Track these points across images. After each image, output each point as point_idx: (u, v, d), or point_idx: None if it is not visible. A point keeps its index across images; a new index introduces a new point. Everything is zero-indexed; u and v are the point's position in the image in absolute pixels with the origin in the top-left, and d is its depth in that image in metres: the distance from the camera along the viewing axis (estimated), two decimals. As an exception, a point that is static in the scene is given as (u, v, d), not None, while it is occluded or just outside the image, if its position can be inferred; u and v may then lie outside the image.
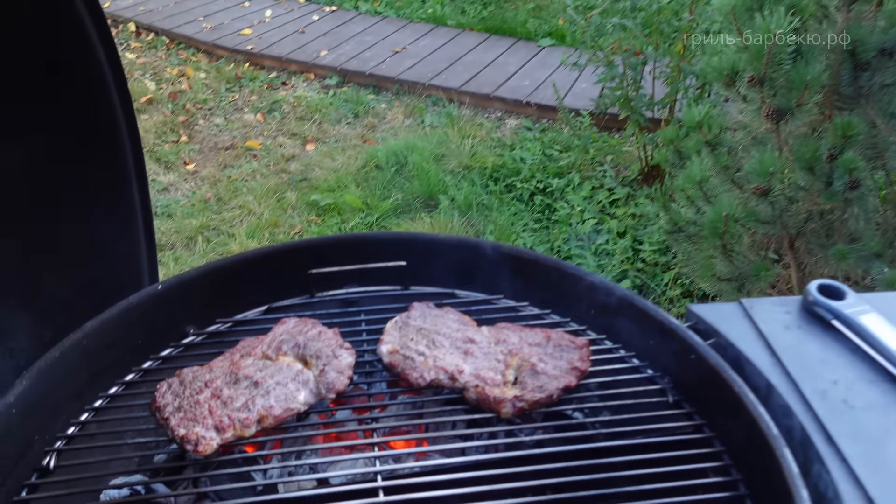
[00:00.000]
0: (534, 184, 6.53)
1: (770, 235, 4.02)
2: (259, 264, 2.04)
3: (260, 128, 7.71)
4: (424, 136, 7.23)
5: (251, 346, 1.85)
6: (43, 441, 1.68)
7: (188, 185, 6.89)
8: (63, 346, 1.72)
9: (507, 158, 6.82)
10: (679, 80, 5.80)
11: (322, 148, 7.24)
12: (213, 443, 1.60)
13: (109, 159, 2.07)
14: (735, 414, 1.59)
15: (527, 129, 7.35)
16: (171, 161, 7.16)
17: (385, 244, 2.08)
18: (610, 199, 6.39)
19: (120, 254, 2.18)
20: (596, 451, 1.64)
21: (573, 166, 6.70)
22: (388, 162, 6.77)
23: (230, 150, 7.36)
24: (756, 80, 3.45)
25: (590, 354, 1.81)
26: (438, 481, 1.55)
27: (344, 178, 6.66)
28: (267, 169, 7.00)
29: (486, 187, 6.50)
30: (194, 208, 6.44)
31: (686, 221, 4.46)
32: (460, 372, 1.74)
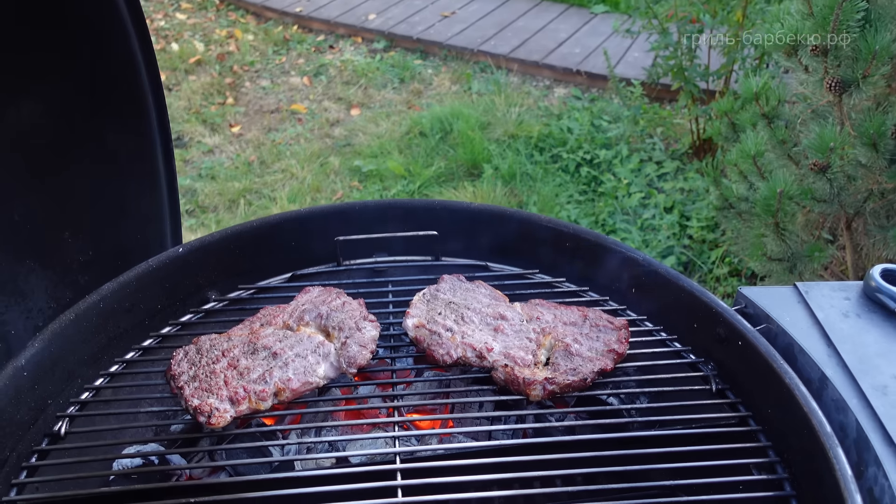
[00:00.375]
0: (580, 155, 6.36)
1: (826, 215, 3.84)
2: (284, 229, 1.96)
3: (306, 91, 7.65)
4: (470, 103, 7.08)
5: (272, 315, 1.77)
6: (56, 406, 1.63)
7: (232, 148, 6.86)
8: (79, 308, 1.67)
9: (553, 128, 6.65)
10: (736, 51, 5.56)
11: (367, 113, 7.14)
12: (227, 415, 1.53)
13: (132, 118, 1.99)
14: (784, 407, 1.47)
15: (575, 99, 7.16)
16: (216, 123, 7.14)
17: (416, 212, 1.98)
18: (658, 172, 6.20)
19: (143, 216, 2.11)
20: (631, 440, 1.53)
21: (622, 138, 6.51)
22: (433, 129, 6.65)
23: (275, 113, 7.31)
24: (820, 49, 3.25)
25: (629, 336, 1.70)
26: (460, 466, 1.46)
27: (387, 144, 6.56)
28: (311, 133, 6.94)
29: (531, 157, 6.35)
30: (238, 171, 6.41)
31: (737, 197, 4.30)
32: (489, 350, 1.64)
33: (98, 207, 2.01)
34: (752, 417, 1.56)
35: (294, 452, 1.70)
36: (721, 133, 4.69)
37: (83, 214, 1.98)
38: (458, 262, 2.01)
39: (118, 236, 2.07)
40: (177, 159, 6.53)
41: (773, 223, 3.83)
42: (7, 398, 1.50)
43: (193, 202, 6.00)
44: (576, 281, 1.92)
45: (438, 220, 1.96)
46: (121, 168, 2.02)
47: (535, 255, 1.96)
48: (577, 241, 1.89)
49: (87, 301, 1.68)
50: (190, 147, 6.82)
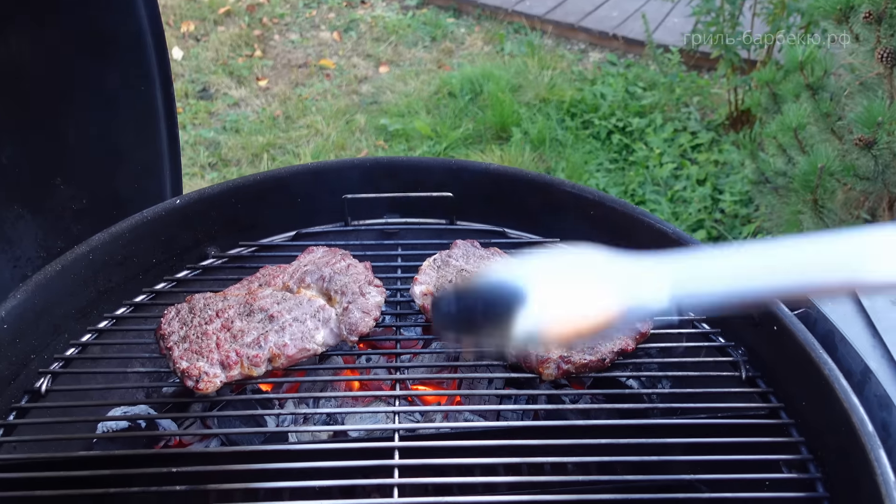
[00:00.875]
0: (613, 122, 6.20)
1: (867, 193, 3.66)
2: (289, 184, 1.84)
3: (335, 47, 7.51)
4: (502, 64, 6.90)
5: (272, 276, 1.66)
6: (39, 361, 1.54)
7: (258, 101, 6.77)
8: (66, 259, 1.57)
9: (586, 93, 6.47)
10: (781, 18, 5.33)
11: (395, 71, 6.99)
12: (217, 380, 1.43)
13: (130, 58, 1.87)
14: (820, 400, 1.34)
15: (610, 64, 6.95)
16: (243, 75, 7.04)
17: (432, 171, 1.85)
18: (692, 143, 6.03)
19: (141, 165, 2.00)
20: (651, 427, 1.41)
21: (656, 106, 6.32)
22: (463, 89, 6.50)
23: (303, 67, 7.19)
24: (873, 16, 3.06)
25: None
26: (463, 447, 1.35)
27: (415, 103, 6.42)
28: (338, 89, 6.82)
29: (562, 122, 6.19)
30: (262, 125, 6.32)
31: (775, 172, 4.13)
32: (501, 323, 1.52)
33: (93, 154, 1.90)
34: (784, 409, 1.43)
35: (289, 422, 1.60)
36: (761, 104, 4.52)
37: (77, 161, 1.87)
38: (474, 227, 1.88)
39: (114, 185, 1.96)
40: (202, 111, 6.46)
41: (811, 200, 3.68)
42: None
43: (216, 155, 5.93)
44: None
45: (455, 180, 1.83)
46: (118, 113, 1.91)
47: (557, 224, 1.83)
48: (602, 209, 1.75)
49: (75, 252, 1.58)
50: (216, 99, 6.74)
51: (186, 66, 7.18)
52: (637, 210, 1.70)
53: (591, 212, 1.76)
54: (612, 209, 1.73)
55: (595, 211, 1.75)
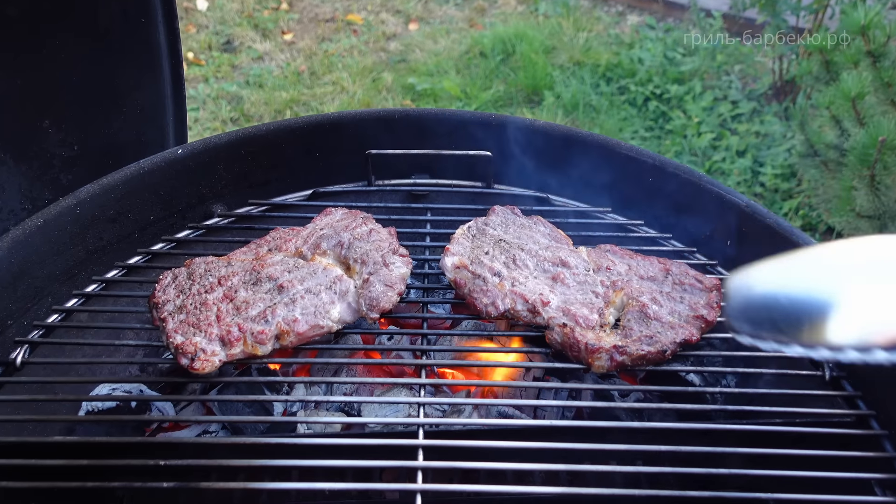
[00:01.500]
0: (650, 88, 5.96)
1: (933, 171, 3.43)
2: (306, 136, 1.63)
3: (363, 1, 7.27)
4: (536, 25, 6.65)
5: (283, 239, 1.46)
6: (17, 328, 1.35)
7: (283, 56, 6.58)
8: (49, 213, 1.37)
9: (623, 57, 6.21)
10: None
11: (425, 28, 6.75)
12: (215, 359, 1.23)
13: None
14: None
15: (649, 28, 6.67)
16: (268, 29, 6.85)
17: (468, 126, 1.63)
18: (733, 112, 5.79)
19: (140, 108, 1.79)
20: (714, 433, 1.20)
21: (696, 73, 6.06)
22: (494, 49, 6.28)
23: (330, 22, 6.98)
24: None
25: (721, 300, 1.35)
26: (496, 449, 1.15)
27: (445, 62, 6.20)
28: (365, 46, 6.60)
29: (597, 87, 5.95)
30: (287, 80, 6.15)
31: (825, 145, 3.88)
32: (545, 304, 1.31)
33: (85, 94, 1.68)
34: (876, 418, 1.22)
35: (299, 409, 1.41)
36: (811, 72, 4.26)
37: (67, 101, 1.66)
38: (514, 192, 1.66)
39: (109, 130, 1.75)
40: (225, 64, 6.27)
41: (868, 175, 3.44)
42: (-50, 316, 1.23)
43: (238, 110, 5.78)
44: (657, 225, 1.57)
45: (494, 138, 1.61)
46: (114, 49, 1.69)
47: (609, 191, 1.61)
48: (662, 175, 1.53)
49: (60, 205, 1.39)
50: (239, 52, 6.57)
51: (211, 17, 7.00)
52: (704, 178, 1.48)
53: (649, 178, 1.54)
54: (674, 175, 1.50)
55: (653, 177, 1.53)
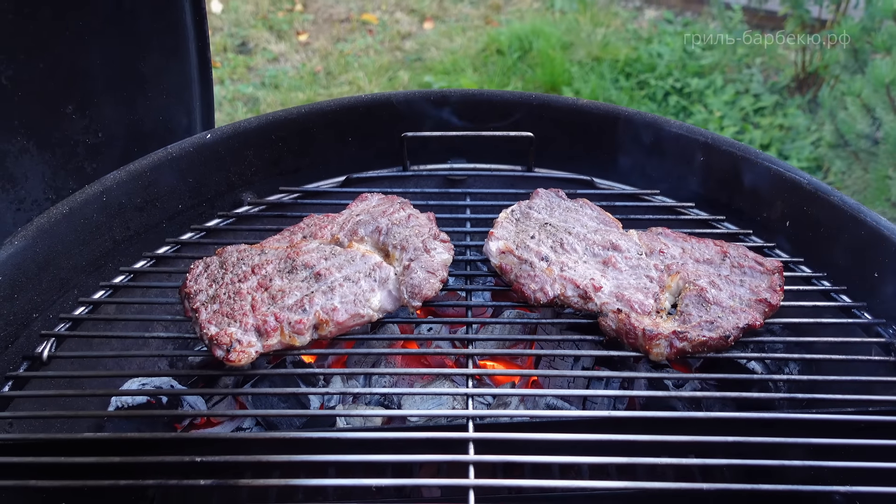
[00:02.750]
0: (670, 82, 5.92)
1: (973, 159, 3.36)
2: (338, 119, 1.56)
3: (378, 1, 7.25)
4: (553, 21, 6.61)
5: (318, 226, 1.39)
6: (42, 322, 1.29)
7: (298, 57, 6.57)
8: (75, 201, 1.31)
9: (642, 52, 6.17)
10: (862, -32, 4.97)
11: (441, 27, 6.73)
12: (252, 350, 1.17)
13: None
14: None
15: (667, 22, 6.62)
16: (283, 30, 6.85)
17: (508, 108, 1.57)
18: (755, 106, 5.75)
19: (166, 93, 1.73)
20: (778, 423, 1.12)
21: (716, 66, 6.02)
22: (511, 46, 6.25)
23: (345, 22, 6.97)
24: None
25: (783, 283, 1.27)
26: (548, 442, 1.08)
27: (461, 60, 6.17)
28: (381, 45, 6.59)
29: (616, 82, 5.91)
30: (302, 80, 6.14)
31: (857, 134, 3.81)
32: (597, 289, 1.24)
33: (110, 79, 1.62)
34: (957, 405, 1.13)
35: (336, 402, 1.34)
36: (839, 61, 4.18)
37: (91, 86, 1.60)
38: (556, 175, 1.59)
39: (135, 116, 1.68)
40: (240, 66, 6.26)
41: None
42: (-26, 308, 1.17)
43: (255, 111, 5.77)
44: (709, 207, 1.49)
45: (534, 119, 1.54)
46: (139, 31, 1.63)
47: (657, 172, 1.54)
48: (713, 153, 1.46)
49: (86, 192, 1.33)
50: (255, 54, 6.56)
51: (225, 19, 7.00)
52: (760, 154, 1.41)
53: (700, 157, 1.46)
54: (727, 153, 1.43)
55: (704, 156, 1.46)
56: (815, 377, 1.20)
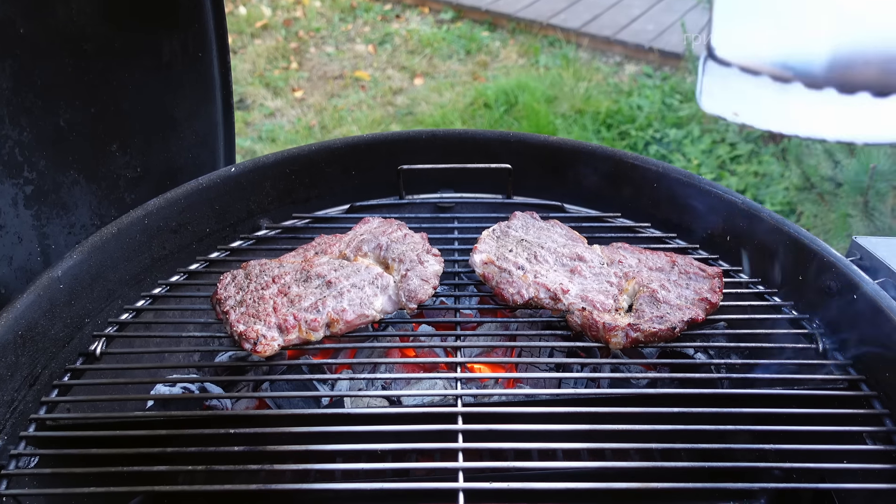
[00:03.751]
0: (649, 133, 6.15)
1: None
2: (344, 155, 1.81)
3: (370, 59, 7.54)
4: (537, 76, 6.89)
5: (328, 244, 1.63)
6: (93, 325, 1.51)
7: (294, 112, 6.80)
8: (122, 222, 1.54)
9: (622, 105, 6.43)
10: (825, 27, 5.27)
11: (430, 83, 7.00)
12: (275, 343, 1.39)
13: (188, 27, 1.85)
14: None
15: (646, 76, 6.91)
16: (279, 87, 7.09)
17: (489, 145, 1.81)
18: (731, 154, 5.97)
19: (195, 134, 1.98)
20: (719, 397, 1.35)
21: (694, 117, 6.27)
22: (498, 100, 6.50)
23: (338, 79, 7.23)
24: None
25: (722, 285, 1.51)
26: (527, 414, 1.30)
27: (450, 114, 6.42)
28: (373, 100, 6.84)
29: (598, 133, 6.15)
30: (298, 135, 6.35)
31: (821, 177, 4.07)
32: (565, 292, 1.47)
33: (148, 122, 1.88)
34: (865, 381, 1.36)
35: (345, 391, 1.56)
36: (805, 112, 4.42)
37: (133, 128, 1.85)
38: (531, 202, 1.84)
39: (168, 154, 1.94)
40: (238, 121, 6.50)
41: (862, 201, 3.61)
42: (41, 310, 1.39)
43: (252, 163, 5.97)
44: (663, 227, 1.74)
45: (512, 153, 1.79)
46: (174, 81, 1.89)
47: (617, 197, 1.78)
48: (665, 181, 1.70)
49: (131, 216, 1.56)
50: (252, 109, 6.79)
51: (224, 77, 7.23)
52: (702, 180, 1.65)
53: (654, 184, 1.71)
54: (675, 180, 1.68)
55: (658, 182, 1.71)
56: (750, 361, 1.43)
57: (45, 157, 1.64)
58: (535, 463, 1.27)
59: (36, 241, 1.66)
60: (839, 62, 0.73)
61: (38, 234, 1.66)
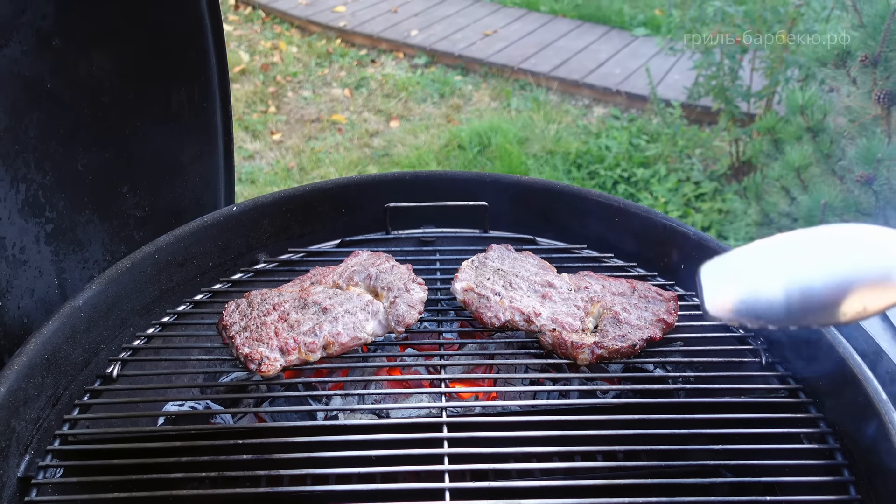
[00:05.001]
0: (618, 172, 6.37)
1: (870, 230, 3.80)
2: (335, 195, 1.98)
3: (346, 103, 7.74)
4: (509, 119, 7.12)
5: (322, 275, 1.79)
6: (108, 350, 1.66)
7: (273, 154, 6.96)
8: (135, 257, 1.70)
9: (591, 145, 6.66)
10: (780, 71, 5.54)
11: (406, 125, 7.21)
12: (277, 364, 1.54)
13: (195, 81, 2.04)
14: (837, 378, 1.46)
15: (614, 118, 7.17)
16: (258, 130, 7.24)
17: (467, 184, 2.00)
18: (696, 192, 6.19)
19: (199, 176, 2.15)
20: (676, 407, 1.52)
21: (660, 157, 6.51)
22: (471, 142, 6.70)
23: (316, 122, 7.40)
24: (869, 60, 3.23)
25: (678, 308, 1.69)
26: (505, 423, 1.47)
27: (426, 155, 6.61)
28: (350, 143, 7.02)
29: (569, 172, 6.37)
30: (277, 176, 6.49)
31: (779, 213, 4.28)
32: (537, 315, 1.65)
33: (157, 166, 2.05)
34: (804, 390, 1.54)
35: (337, 413, 1.71)
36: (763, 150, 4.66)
37: (142, 171, 2.02)
38: (506, 235, 2.02)
39: (174, 195, 2.11)
40: (217, 163, 6.63)
41: (815, 235, 3.78)
42: (63, 336, 1.53)
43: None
44: (624, 257, 1.92)
45: (488, 192, 1.98)
46: (181, 130, 2.07)
47: (584, 231, 1.97)
48: (624, 215, 1.89)
49: (143, 251, 1.72)
50: (231, 152, 6.91)
51: (204, 120, 7.36)
52: (658, 214, 1.84)
53: (616, 219, 1.90)
54: (635, 215, 1.87)
55: (619, 217, 1.89)
56: (703, 374, 1.60)
57: (65, 198, 1.80)
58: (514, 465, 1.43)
59: (54, 275, 1.81)
60: (793, 313, 1.05)
61: (56, 269, 1.81)
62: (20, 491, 1.37)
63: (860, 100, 3.48)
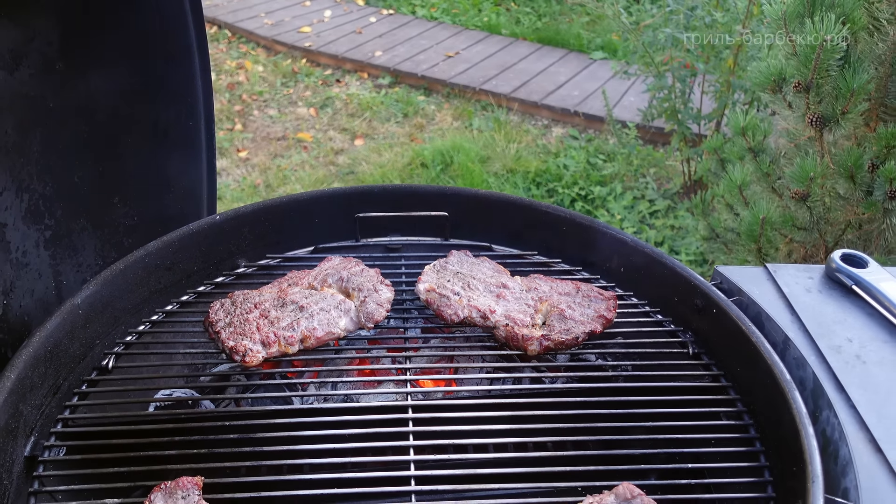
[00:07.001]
0: (575, 190, 6.59)
1: (806, 243, 4.04)
2: (308, 206, 2.17)
3: (312, 121, 7.89)
4: (471, 138, 7.33)
5: (298, 278, 1.98)
6: (103, 345, 1.82)
7: (239, 171, 7.08)
8: (127, 260, 1.87)
9: (550, 164, 6.88)
10: (728, 95, 5.84)
11: (370, 144, 7.39)
12: (259, 356, 1.73)
13: (182, 101, 2.22)
14: (751, 364, 1.68)
15: (572, 138, 7.42)
16: (224, 147, 7.36)
17: (429, 196, 2.20)
18: (651, 210, 6.41)
19: (184, 189, 2.33)
20: (615, 391, 1.73)
21: (616, 176, 6.75)
22: (434, 160, 6.88)
23: (282, 140, 7.55)
24: (802, 86, 3.48)
25: (616, 305, 1.90)
26: (463, 405, 1.66)
27: (389, 173, 6.79)
28: (316, 160, 7.17)
29: (529, 190, 6.58)
30: (244, 193, 6.62)
31: (724, 228, 4.50)
32: (492, 312, 1.85)
33: (145, 179, 2.23)
34: (724, 376, 1.76)
35: (313, 400, 1.89)
36: (710, 169, 4.90)
37: (132, 183, 2.20)
38: (465, 243, 2.21)
39: (160, 206, 2.28)
40: (185, 180, 6.74)
41: (755, 248, 4.02)
42: (63, 332, 1.70)
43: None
44: (570, 262, 2.14)
45: (449, 204, 2.18)
46: (168, 146, 2.25)
47: (535, 238, 2.18)
48: (572, 225, 2.10)
49: (135, 255, 1.89)
50: (199, 168, 7.01)
51: (172, 137, 7.46)
52: (601, 224, 2.06)
53: (563, 228, 2.11)
54: (580, 224, 2.09)
55: (566, 226, 2.11)
56: (639, 362, 1.81)
57: (62, 207, 1.97)
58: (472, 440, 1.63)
59: (52, 278, 1.97)
60: None
61: (53, 272, 1.98)
62: (27, 468, 1.53)
63: (795, 122, 3.73)
